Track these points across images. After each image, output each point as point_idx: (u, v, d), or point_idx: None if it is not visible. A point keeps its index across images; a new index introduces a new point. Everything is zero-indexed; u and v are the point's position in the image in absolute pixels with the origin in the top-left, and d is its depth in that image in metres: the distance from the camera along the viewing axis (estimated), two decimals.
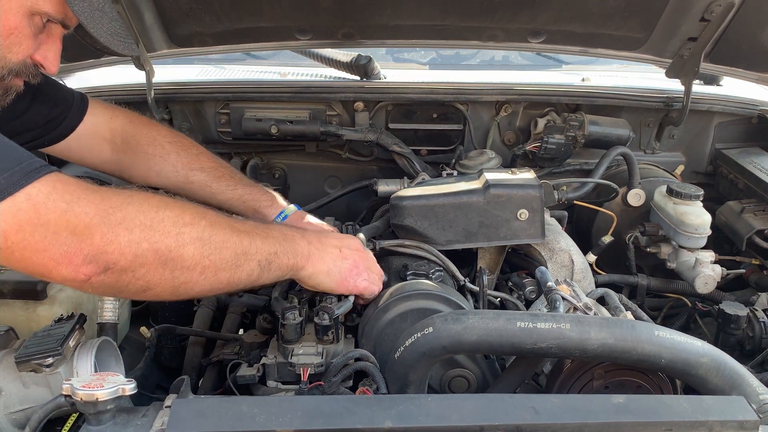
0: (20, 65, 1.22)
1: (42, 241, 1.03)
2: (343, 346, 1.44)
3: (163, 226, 1.13)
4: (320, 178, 2.48)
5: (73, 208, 1.05)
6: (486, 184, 1.75)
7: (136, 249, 1.09)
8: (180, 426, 0.96)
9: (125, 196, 1.14)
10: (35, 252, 1.03)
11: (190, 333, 1.74)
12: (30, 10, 1.18)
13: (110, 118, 1.69)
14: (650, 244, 2.08)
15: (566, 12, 1.98)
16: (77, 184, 1.09)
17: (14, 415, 1.22)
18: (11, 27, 1.16)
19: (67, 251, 1.04)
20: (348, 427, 0.97)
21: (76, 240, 1.05)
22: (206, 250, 1.17)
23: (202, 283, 1.19)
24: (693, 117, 2.33)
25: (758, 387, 1.19)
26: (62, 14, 1.23)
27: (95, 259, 1.06)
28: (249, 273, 1.25)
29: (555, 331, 1.19)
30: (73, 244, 1.04)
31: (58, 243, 1.04)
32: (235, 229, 1.24)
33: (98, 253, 1.06)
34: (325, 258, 1.42)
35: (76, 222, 1.05)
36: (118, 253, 1.08)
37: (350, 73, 2.41)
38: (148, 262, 1.11)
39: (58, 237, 1.04)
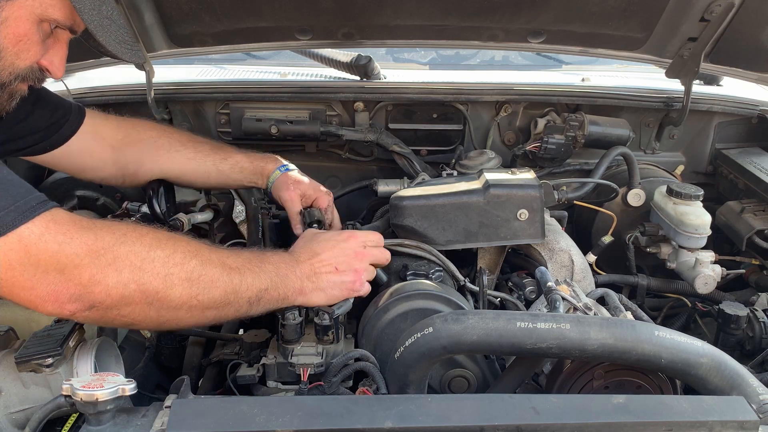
0: (27, 70, 1.23)
1: (30, 280, 1.06)
2: (343, 346, 1.44)
3: (153, 267, 1.15)
4: (320, 178, 2.45)
5: (65, 249, 1.08)
6: (486, 184, 1.75)
7: (123, 290, 1.11)
8: (180, 426, 0.96)
9: (119, 234, 1.15)
10: (23, 289, 1.07)
11: (190, 333, 1.74)
12: (39, 17, 1.19)
13: (105, 118, 1.73)
14: (650, 244, 2.08)
15: (566, 12, 1.98)
16: (71, 223, 1.11)
17: (14, 415, 1.22)
18: (21, 34, 1.17)
19: (53, 290, 1.07)
20: (348, 427, 0.97)
21: (63, 279, 1.07)
22: (194, 290, 1.19)
23: (188, 320, 1.22)
24: (693, 117, 2.33)
25: (758, 387, 1.19)
26: (71, 21, 1.23)
27: (81, 298, 1.09)
28: (237, 309, 1.27)
29: (555, 331, 1.19)
30: (60, 284, 1.07)
31: (45, 282, 1.07)
32: (226, 267, 1.24)
33: (84, 293, 1.09)
34: (321, 285, 1.40)
35: (66, 262, 1.08)
36: (105, 293, 1.10)
37: (350, 73, 2.41)
38: (134, 302, 1.13)
39: (47, 276, 1.07)
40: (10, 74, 1.20)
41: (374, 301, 1.57)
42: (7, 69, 1.19)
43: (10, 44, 1.17)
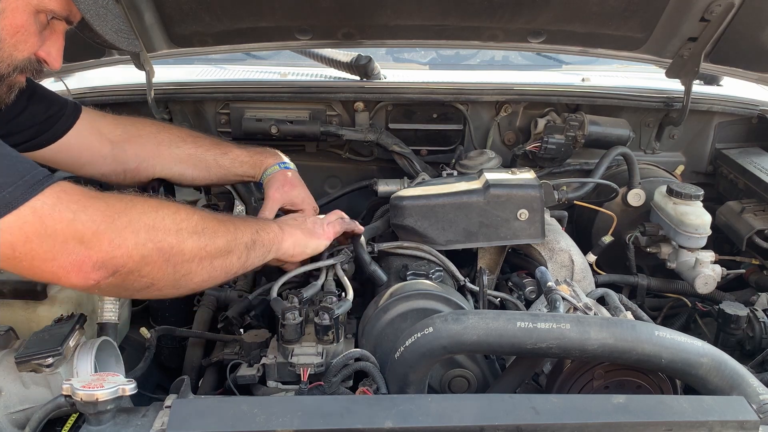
0: (25, 62, 1.24)
1: (51, 251, 1.06)
2: (343, 346, 1.44)
3: (165, 225, 1.19)
4: (320, 178, 2.47)
5: (80, 216, 1.08)
6: (486, 184, 1.75)
7: (142, 250, 1.14)
8: (180, 426, 0.96)
9: (127, 200, 1.18)
10: (44, 261, 1.06)
11: (189, 335, 1.74)
12: (36, 8, 1.20)
13: (102, 115, 1.73)
14: (650, 244, 2.08)
15: (566, 12, 1.98)
16: (81, 193, 1.12)
17: (14, 415, 1.22)
18: (18, 25, 1.18)
19: (76, 260, 1.07)
20: (348, 427, 0.97)
21: (84, 248, 1.08)
22: (202, 241, 1.24)
23: (201, 273, 1.25)
24: (693, 117, 2.33)
25: (758, 387, 1.19)
26: (67, 11, 1.24)
27: (105, 265, 1.10)
28: (238, 257, 1.33)
29: (555, 331, 1.19)
30: (81, 252, 1.08)
31: (66, 252, 1.07)
32: (220, 220, 1.32)
33: (108, 259, 1.10)
34: (293, 225, 1.53)
35: (84, 230, 1.08)
36: (127, 256, 1.12)
37: (350, 73, 2.40)
38: (153, 261, 1.16)
39: (67, 246, 1.07)
40: (8, 66, 1.21)
41: (374, 301, 1.57)
42: (6, 60, 1.20)
43: (8, 36, 1.17)
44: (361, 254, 1.69)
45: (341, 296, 1.55)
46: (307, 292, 1.52)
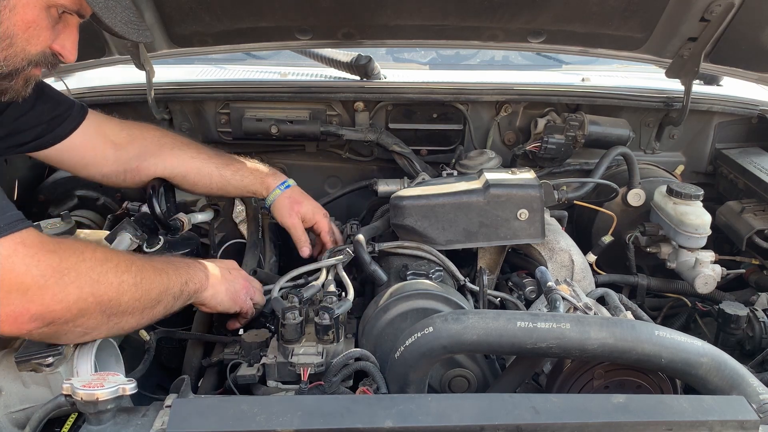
0: (39, 56, 1.25)
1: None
2: (343, 346, 1.44)
3: (108, 279, 1.21)
4: (320, 178, 2.48)
5: (32, 270, 1.10)
6: (486, 184, 1.75)
7: (82, 304, 1.16)
8: (180, 426, 0.96)
9: (79, 252, 1.19)
10: None
11: (188, 336, 1.73)
12: (47, 3, 1.21)
13: (108, 118, 1.75)
14: (650, 244, 2.08)
15: (566, 12, 1.98)
16: (40, 245, 1.13)
17: (14, 415, 1.22)
18: (30, 20, 1.20)
19: (13, 311, 1.08)
20: (348, 426, 0.97)
21: (25, 300, 1.09)
22: (138, 293, 1.27)
23: (131, 322, 1.29)
24: (693, 117, 2.33)
25: (758, 387, 1.19)
26: (77, 5, 1.26)
27: (41, 317, 1.11)
28: (165, 306, 1.35)
29: (555, 330, 1.19)
30: (21, 304, 1.09)
31: (6, 302, 1.07)
32: (156, 269, 1.34)
33: (46, 312, 1.11)
34: (220, 278, 1.53)
35: (31, 283, 1.09)
36: (66, 309, 1.14)
37: (350, 73, 2.41)
38: (90, 313, 1.18)
39: (9, 296, 1.08)
40: (22, 60, 1.23)
41: (374, 300, 1.57)
42: (20, 55, 1.22)
43: (20, 30, 1.19)
44: (361, 254, 1.69)
45: (341, 296, 1.55)
46: (308, 292, 1.53)
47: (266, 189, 1.86)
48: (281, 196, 1.85)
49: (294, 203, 1.84)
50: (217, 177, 1.80)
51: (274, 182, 1.86)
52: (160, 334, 1.63)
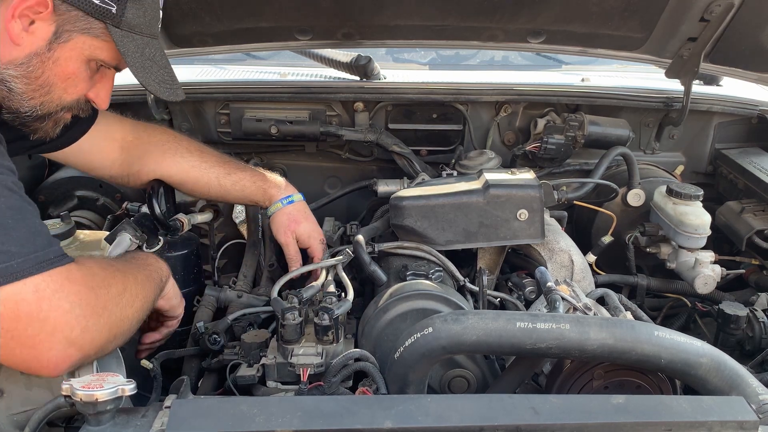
0: (74, 102, 1.32)
1: (35, 338, 1.03)
2: (343, 347, 1.44)
3: (126, 314, 1.21)
4: (320, 178, 2.48)
5: (75, 310, 1.07)
6: (486, 185, 1.75)
7: (105, 342, 1.16)
8: (180, 426, 0.96)
9: (107, 286, 1.17)
10: (23, 346, 1.03)
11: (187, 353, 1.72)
12: (88, 57, 1.27)
13: (119, 120, 1.75)
14: (650, 244, 2.08)
15: (566, 12, 1.98)
16: (83, 282, 1.11)
17: (16, 417, 1.22)
18: (70, 72, 1.27)
19: (57, 356, 1.06)
20: (348, 427, 0.97)
21: (69, 347, 1.07)
22: (139, 316, 1.28)
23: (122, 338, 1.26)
24: (693, 117, 2.33)
25: (758, 387, 1.19)
26: (116, 61, 1.32)
27: (76, 362, 1.10)
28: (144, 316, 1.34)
29: (555, 331, 1.19)
30: (64, 350, 1.06)
31: (51, 344, 1.04)
32: (143, 284, 1.32)
33: (83, 357, 1.10)
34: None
35: (75, 324, 1.07)
36: (97, 350, 1.14)
37: (350, 74, 2.41)
38: (108, 348, 1.19)
39: (53, 338, 1.04)
40: (57, 106, 1.29)
41: (374, 301, 1.58)
42: (55, 101, 1.28)
43: (59, 80, 1.26)
44: (360, 254, 1.69)
45: (341, 296, 1.55)
46: (307, 293, 1.53)
47: (269, 200, 1.82)
48: (281, 212, 1.81)
49: (291, 221, 1.80)
50: (216, 186, 1.78)
51: (277, 194, 1.82)
52: (161, 359, 1.62)
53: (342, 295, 1.56)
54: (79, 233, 1.73)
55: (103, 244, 1.65)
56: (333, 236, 2.10)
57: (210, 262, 2.00)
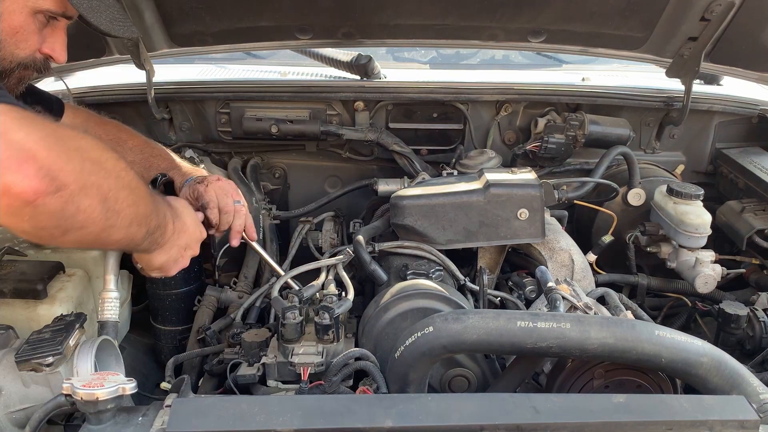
0: (29, 59, 1.29)
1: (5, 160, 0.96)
2: (343, 346, 1.44)
3: (107, 166, 1.13)
4: (320, 177, 2.48)
5: (32, 135, 1.00)
6: (486, 184, 1.75)
7: (86, 179, 1.07)
8: (180, 425, 0.96)
9: (77, 132, 1.13)
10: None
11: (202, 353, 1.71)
12: (33, 9, 1.24)
13: (73, 114, 1.72)
14: (650, 243, 2.08)
15: (566, 11, 1.98)
16: (32, 117, 1.04)
17: (14, 414, 1.22)
18: (16, 26, 1.23)
19: (18, 156, 0.97)
20: (348, 426, 0.97)
21: (29, 152, 0.98)
22: (132, 198, 1.18)
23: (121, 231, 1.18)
24: (693, 116, 2.33)
25: (758, 386, 1.19)
26: (62, 8, 1.28)
27: (50, 174, 1.00)
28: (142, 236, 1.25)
29: (555, 330, 1.19)
30: (25, 152, 0.98)
31: (9, 146, 0.96)
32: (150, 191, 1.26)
33: (53, 168, 1.01)
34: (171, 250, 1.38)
35: (34, 138, 0.99)
36: (72, 176, 1.04)
37: (350, 73, 2.40)
38: (92, 195, 1.09)
39: (10, 143, 0.96)
40: (10, 62, 1.26)
41: (375, 300, 1.58)
42: (8, 58, 1.25)
43: (7, 36, 1.23)
44: (361, 254, 1.69)
45: (341, 296, 1.55)
46: (307, 292, 1.53)
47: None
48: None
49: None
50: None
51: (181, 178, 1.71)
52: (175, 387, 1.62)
53: (342, 295, 1.56)
54: None
55: None
56: (334, 236, 2.10)
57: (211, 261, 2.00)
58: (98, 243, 1.20)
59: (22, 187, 0.98)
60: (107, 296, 1.46)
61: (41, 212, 1.03)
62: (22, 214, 1.02)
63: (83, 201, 1.07)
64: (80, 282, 1.56)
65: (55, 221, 1.08)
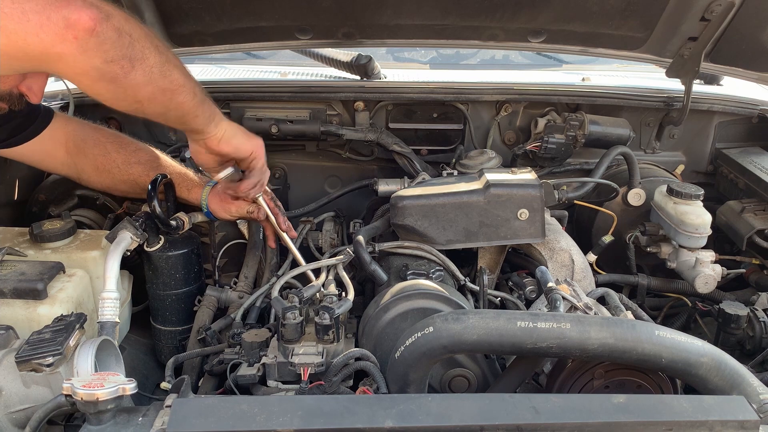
0: (5, 93, 1.31)
1: None
2: (343, 346, 1.44)
3: (144, 28, 1.23)
4: (320, 177, 2.48)
5: None
6: (486, 184, 1.75)
7: (124, 14, 1.17)
8: (180, 426, 0.96)
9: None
10: None
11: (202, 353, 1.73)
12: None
13: (65, 125, 1.76)
14: (650, 243, 2.08)
15: (566, 11, 1.98)
16: None
17: (14, 415, 1.22)
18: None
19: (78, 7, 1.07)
20: (348, 426, 0.97)
21: None
22: (174, 59, 1.29)
23: (179, 73, 1.30)
24: (693, 116, 2.33)
25: (758, 387, 1.19)
26: None
27: (94, 4, 1.10)
28: (200, 92, 1.39)
29: (555, 330, 1.19)
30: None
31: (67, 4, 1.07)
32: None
33: (97, 2, 1.11)
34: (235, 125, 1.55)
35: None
36: (113, 8, 1.14)
37: (350, 73, 2.41)
38: (136, 27, 1.19)
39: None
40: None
41: (375, 300, 1.58)
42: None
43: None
44: (361, 254, 1.69)
45: (341, 296, 1.55)
46: (308, 292, 1.53)
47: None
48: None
49: None
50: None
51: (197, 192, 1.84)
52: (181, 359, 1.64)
53: (342, 295, 1.56)
54: (79, 232, 1.74)
55: (104, 243, 1.65)
56: (334, 236, 2.10)
57: (210, 261, 2.00)
58: (167, 85, 1.29)
59: (79, 14, 1.08)
60: (107, 296, 1.46)
61: (104, 40, 1.13)
62: (90, 46, 1.11)
63: (133, 30, 1.18)
64: (80, 282, 1.56)
65: (119, 50, 1.16)
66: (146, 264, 1.79)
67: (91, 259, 1.64)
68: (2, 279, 1.47)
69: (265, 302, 1.82)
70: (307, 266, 1.74)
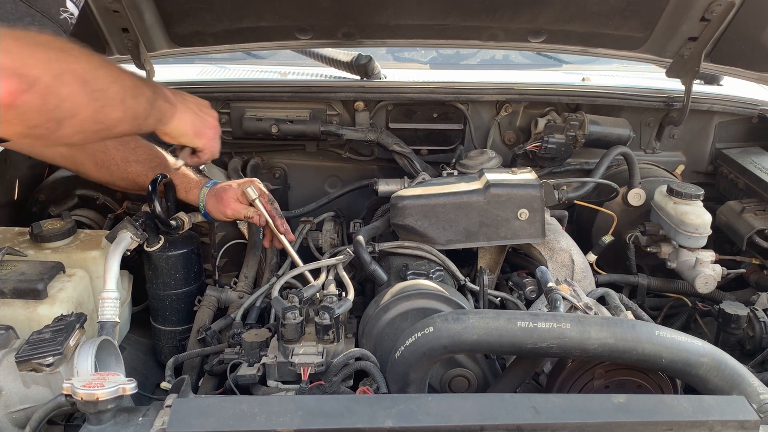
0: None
1: None
2: (343, 346, 1.44)
3: (75, 52, 1.13)
4: (320, 177, 2.48)
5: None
6: (486, 184, 1.75)
7: (55, 67, 1.08)
8: (180, 425, 0.96)
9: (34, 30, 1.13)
10: None
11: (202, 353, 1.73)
12: None
13: None
14: (650, 243, 2.08)
15: (566, 11, 1.98)
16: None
17: (14, 415, 1.22)
18: None
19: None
20: (348, 426, 0.97)
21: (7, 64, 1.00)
22: (111, 74, 1.19)
23: (116, 109, 1.20)
24: (693, 117, 2.33)
25: (759, 387, 1.19)
26: None
27: (16, 73, 1.01)
28: (145, 102, 1.30)
29: (555, 330, 1.19)
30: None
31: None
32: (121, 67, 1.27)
33: (18, 67, 1.01)
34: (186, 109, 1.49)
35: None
36: (40, 68, 1.05)
37: (351, 73, 2.40)
38: (68, 81, 1.10)
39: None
40: None
41: (375, 300, 1.58)
42: None
43: None
44: (361, 254, 1.69)
45: (342, 296, 1.55)
46: (308, 292, 1.53)
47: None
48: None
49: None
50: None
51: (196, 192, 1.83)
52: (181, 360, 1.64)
53: (342, 295, 1.56)
54: (79, 232, 1.74)
55: (104, 243, 1.65)
56: (334, 236, 2.10)
57: (210, 261, 2.00)
58: (101, 127, 1.21)
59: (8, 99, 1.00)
60: (107, 296, 1.46)
61: (25, 111, 1.04)
62: (8, 118, 1.03)
63: (62, 89, 1.08)
64: (80, 282, 1.56)
65: (44, 116, 1.09)
66: (146, 264, 1.79)
67: (91, 259, 1.64)
68: (2, 279, 1.47)
69: (265, 302, 1.82)
70: (307, 266, 1.74)
